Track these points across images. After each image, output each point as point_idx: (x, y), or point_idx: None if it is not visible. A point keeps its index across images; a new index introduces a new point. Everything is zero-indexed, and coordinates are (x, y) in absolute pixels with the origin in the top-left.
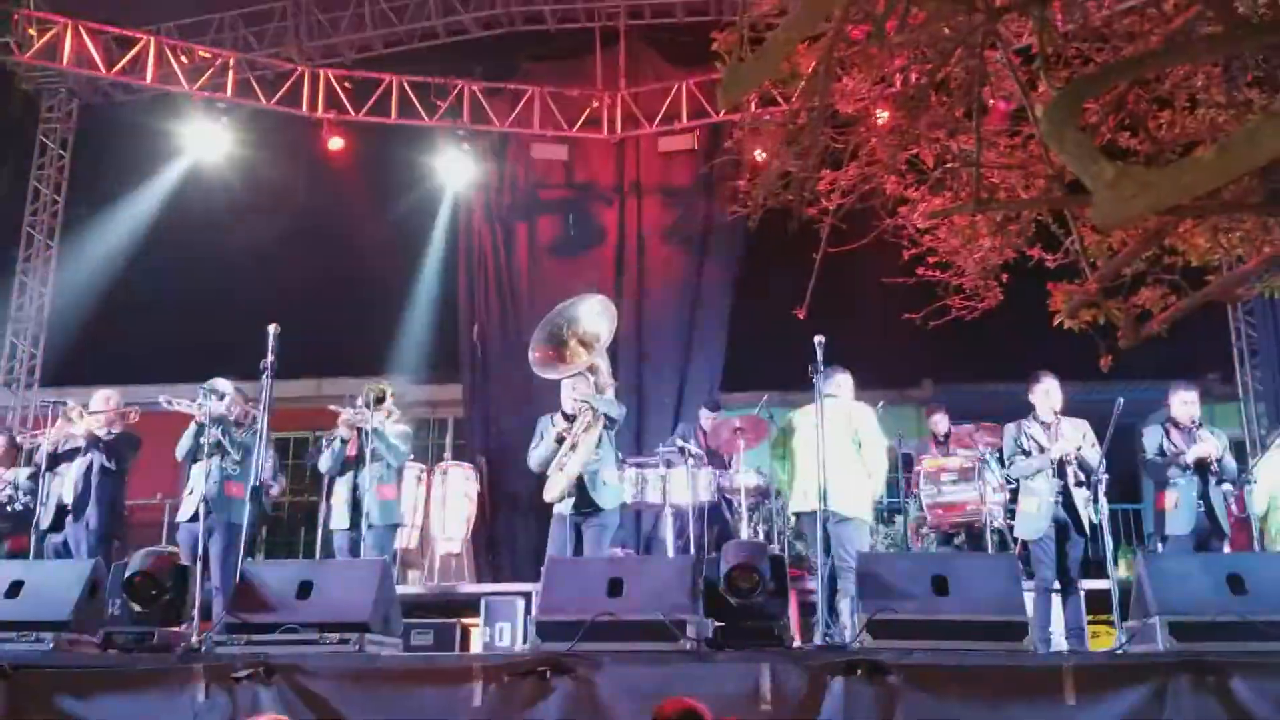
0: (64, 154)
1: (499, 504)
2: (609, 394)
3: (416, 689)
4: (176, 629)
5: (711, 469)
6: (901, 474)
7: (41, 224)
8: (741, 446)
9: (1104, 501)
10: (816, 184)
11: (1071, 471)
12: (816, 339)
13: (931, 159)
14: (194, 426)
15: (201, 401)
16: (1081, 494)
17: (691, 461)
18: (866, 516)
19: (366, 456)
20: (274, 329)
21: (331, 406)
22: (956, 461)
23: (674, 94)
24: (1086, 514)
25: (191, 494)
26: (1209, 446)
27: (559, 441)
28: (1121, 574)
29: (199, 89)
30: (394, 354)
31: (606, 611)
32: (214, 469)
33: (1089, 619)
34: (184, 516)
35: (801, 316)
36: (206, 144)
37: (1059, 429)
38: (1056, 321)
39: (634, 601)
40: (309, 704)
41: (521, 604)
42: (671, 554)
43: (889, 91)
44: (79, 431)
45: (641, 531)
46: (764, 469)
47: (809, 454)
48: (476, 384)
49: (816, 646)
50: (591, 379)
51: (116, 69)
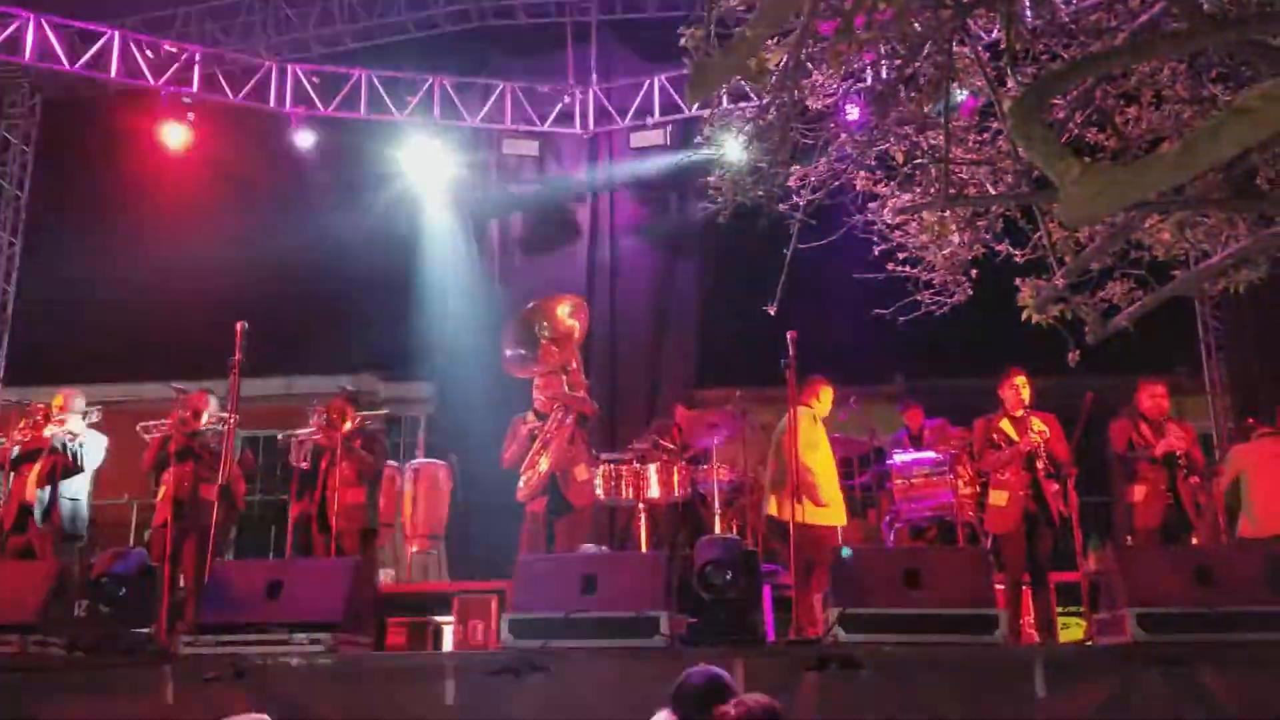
0: (27, 149)
1: (471, 501)
2: (581, 392)
3: (388, 687)
4: (144, 630)
5: (685, 465)
6: (874, 468)
7: (5, 220)
8: (715, 442)
9: (1074, 495)
10: (786, 180)
11: (1041, 465)
12: (788, 335)
13: (901, 155)
14: (160, 438)
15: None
16: (1051, 487)
17: (665, 458)
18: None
19: None
20: (242, 326)
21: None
22: (928, 456)
23: (646, 89)
24: (1056, 507)
25: (162, 499)
26: (1177, 439)
27: (531, 439)
28: (1091, 566)
29: (165, 83)
30: (364, 351)
31: (580, 609)
32: (186, 474)
33: (1059, 611)
34: (157, 521)
35: (772, 313)
36: (173, 139)
37: (1029, 423)
38: (1025, 316)
39: (607, 598)
40: (279, 704)
41: (495, 602)
42: (645, 550)
43: (858, 87)
44: (45, 432)
45: (615, 528)
46: (737, 465)
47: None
48: (448, 381)
49: (789, 641)
50: (564, 376)
51: (80, 63)
